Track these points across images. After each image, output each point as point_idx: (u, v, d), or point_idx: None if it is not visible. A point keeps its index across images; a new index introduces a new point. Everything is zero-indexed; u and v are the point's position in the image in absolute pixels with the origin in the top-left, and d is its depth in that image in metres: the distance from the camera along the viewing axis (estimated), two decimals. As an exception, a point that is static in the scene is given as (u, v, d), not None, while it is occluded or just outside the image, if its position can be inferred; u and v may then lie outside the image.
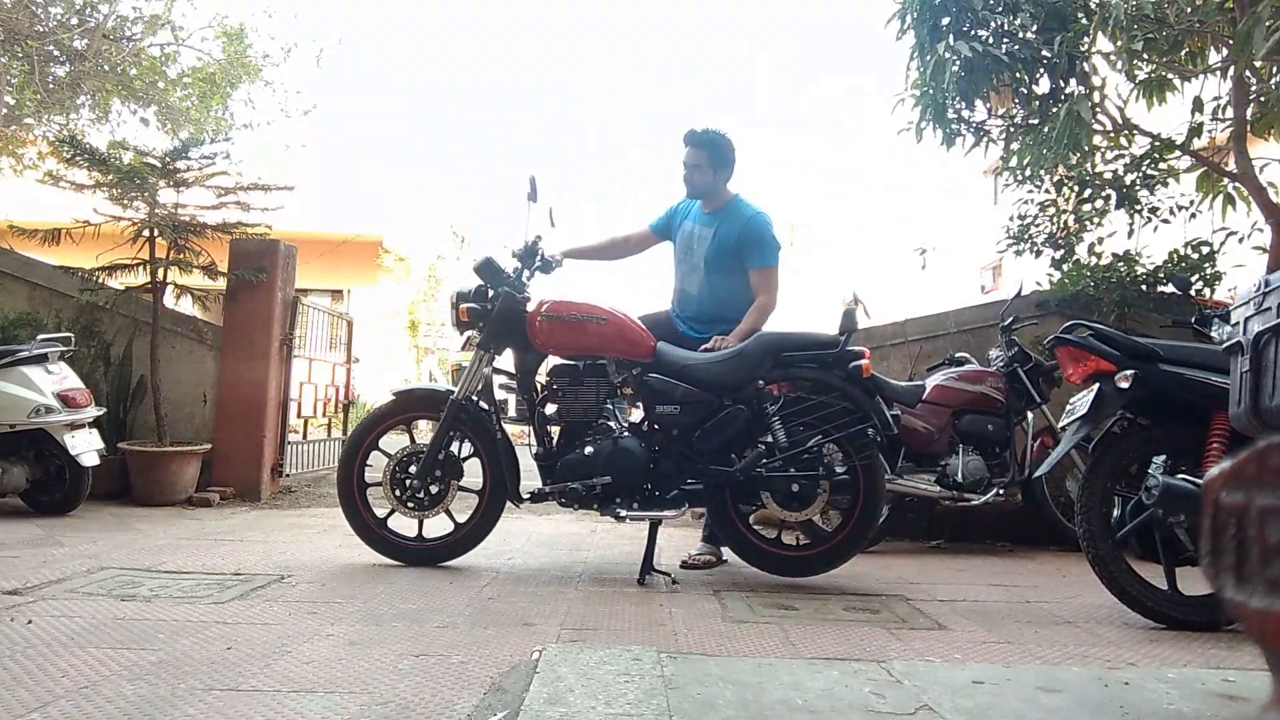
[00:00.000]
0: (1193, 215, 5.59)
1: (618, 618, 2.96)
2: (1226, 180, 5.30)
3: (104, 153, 5.75)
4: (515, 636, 2.65)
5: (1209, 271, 5.30)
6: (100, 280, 5.75)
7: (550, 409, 3.74)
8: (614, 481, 3.56)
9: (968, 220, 19.65)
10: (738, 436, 3.61)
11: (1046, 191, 5.95)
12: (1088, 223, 5.80)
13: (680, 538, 4.80)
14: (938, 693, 2.07)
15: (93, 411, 4.98)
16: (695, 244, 4.09)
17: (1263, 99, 4.92)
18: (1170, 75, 5.13)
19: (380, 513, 3.80)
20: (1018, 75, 5.15)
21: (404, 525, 3.82)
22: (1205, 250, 5.33)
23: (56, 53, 10.32)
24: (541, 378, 3.82)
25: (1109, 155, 5.74)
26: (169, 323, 5.90)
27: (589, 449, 3.59)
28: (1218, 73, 5.09)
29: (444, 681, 2.19)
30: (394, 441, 3.89)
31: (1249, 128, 4.95)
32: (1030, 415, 4.89)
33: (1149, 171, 5.57)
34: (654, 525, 3.67)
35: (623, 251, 4.41)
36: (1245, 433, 2.45)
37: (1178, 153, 5.43)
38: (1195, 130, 5.25)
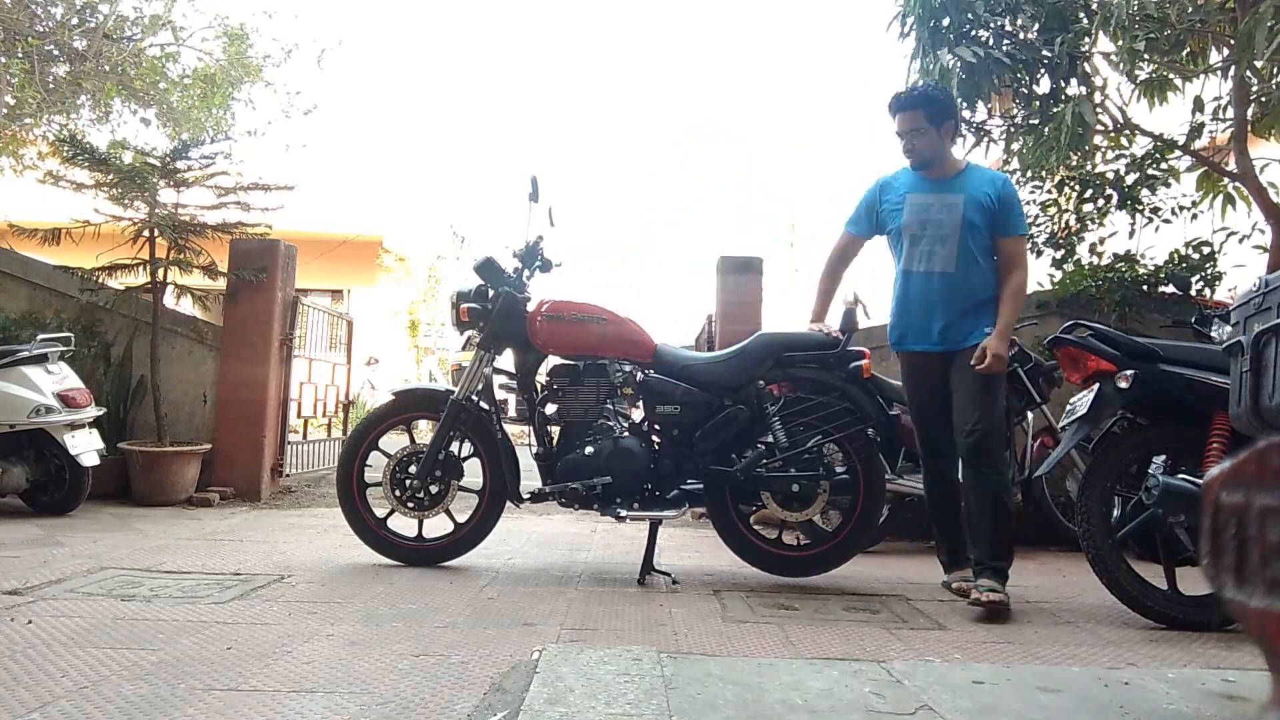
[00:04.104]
0: (1194, 215, 5.59)
1: (618, 618, 2.96)
2: (1227, 180, 5.30)
3: (104, 152, 5.75)
4: (515, 636, 2.65)
5: (1209, 271, 5.30)
6: (100, 280, 5.75)
7: (550, 409, 3.74)
8: (614, 481, 3.56)
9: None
10: (738, 436, 3.61)
11: (1048, 192, 5.95)
12: (1089, 223, 5.80)
13: (680, 538, 4.80)
14: (938, 693, 2.07)
15: (93, 411, 4.98)
16: (937, 213, 3.41)
17: (1263, 99, 4.92)
18: (1171, 75, 5.13)
19: (380, 513, 3.80)
20: (1018, 76, 5.15)
21: (404, 525, 3.82)
22: (1206, 250, 5.33)
23: (57, 53, 10.33)
24: (542, 378, 3.82)
25: (1110, 155, 5.74)
26: (169, 323, 5.90)
27: (589, 449, 3.59)
28: (1218, 73, 5.09)
29: (444, 681, 2.19)
30: (394, 441, 3.89)
31: (1249, 128, 4.95)
32: (1030, 415, 4.89)
33: (1150, 171, 5.57)
34: (654, 525, 3.67)
35: (842, 271, 3.80)
36: (1245, 433, 2.45)
37: (1178, 153, 5.43)
38: (1196, 130, 5.26)
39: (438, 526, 3.81)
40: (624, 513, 3.58)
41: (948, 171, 3.47)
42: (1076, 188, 5.81)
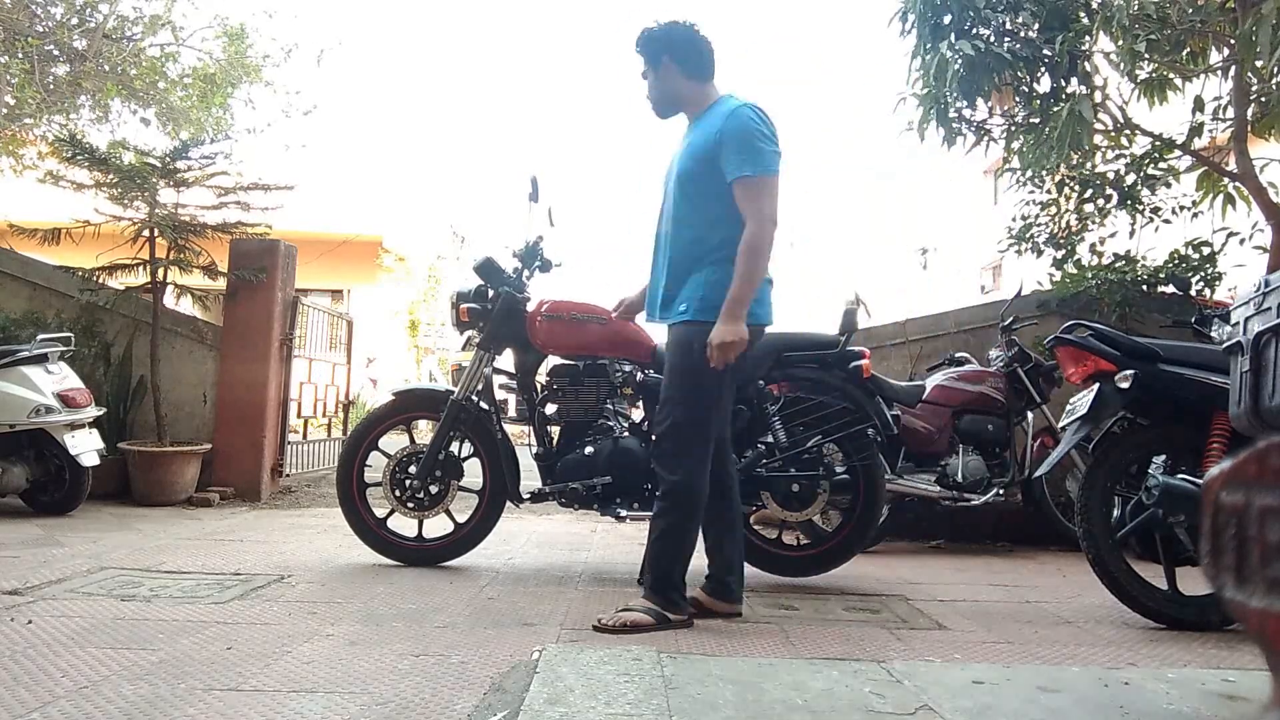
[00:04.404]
0: (1194, 215, 5.59)
1: (618, 618, 2.95)
2: (1227, 180, 5.30)
3: (104, 152, 5.75)
4: (515, 636, 2.65)
5: (1209, 271, 5.31)
6: (100, 280, 5.75)
7: (550, 409, 3.74)
8: (614, 481, 3.56)
9: (968, 220, 19.68)
10: (738, 436, 3.61)
11: (1048, 191, 5.95)
12: (1089, 223, 5.81)
13: (680, 538, 4.80)
14: (938, 693, 2.07)
15: (93, 411, 4.97)
16: (672, 163, 3.02)
17: (1263, 99, 4.92)
18: (1171, 75, 5.13)
19: (380, 513, 3.80)
20: (1019, 74, 5.15)
21: (404, 525, 3.82)
22: (1206, 250, 5.33)
23: (56, 53, 10.34)
24: (541, 378, 3.82)
25: (1110, 155, 5.74)
26: (169, 323, 5.90)
27: (589, 449, 3.59)
28: (1219, 72, 5.09)
29: (444, 681, 2.19)
30: (394, 441, 3.89)
31: (1249, 128, 4.95)
32: (1030, 415, 4.89)
33: (1150, 171, 5.58)
34: (654, 525, 3.66)
35: None
36: (1245, 433, 2.45)
37: (1178, 152, 5.43)
38: (1196, 130, 5.26)
39: (438, 526, 3.81)
40: (624, 513, 3.58)
41: (693, 114, 2.97)
42: (1076, 188, 5.81)
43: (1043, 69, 5.21)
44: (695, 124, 2.96)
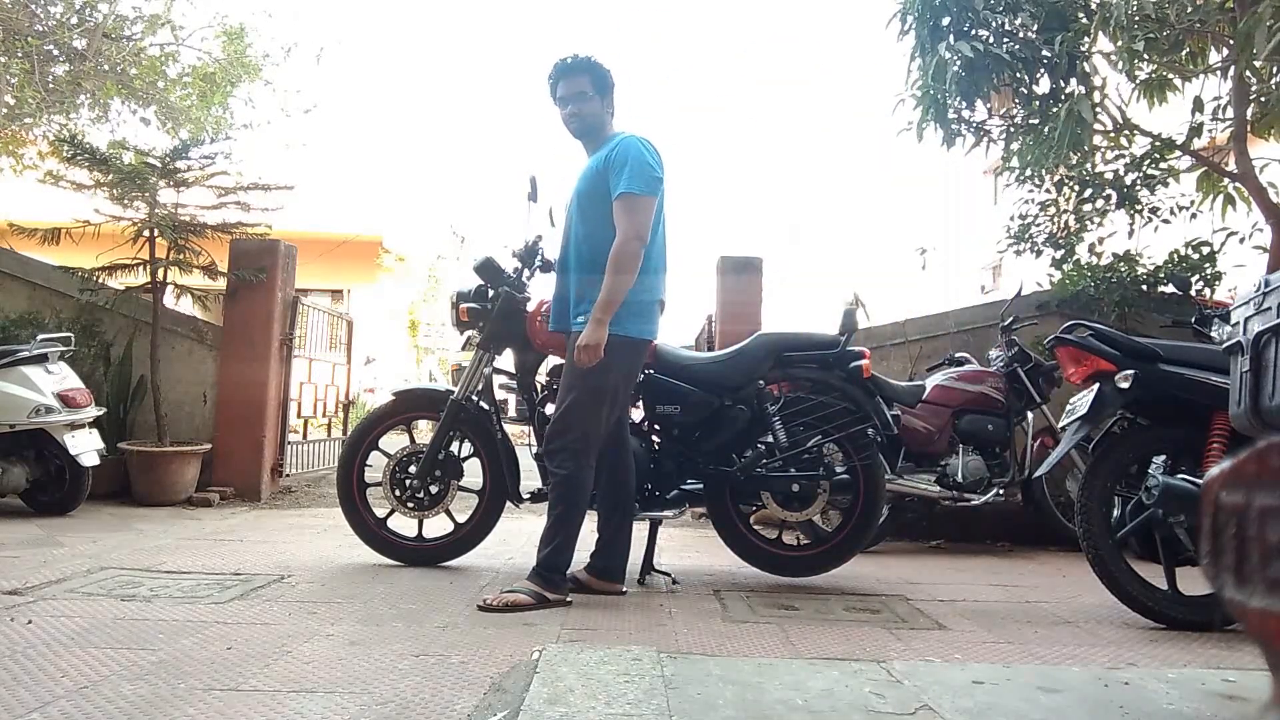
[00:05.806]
0: (1193, 215, 5.59)
1: (618, 618, 2.96)
2: (1226, 180, 5.30)
3: (104, 152, 5.75)
4: (515, 636, 2.65)
5: (1209, 271, 5.31)
6: (100, 280, 5.75)
7: (550, 409, 3.73)
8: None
9: (968, 220, 19.69)
10: (738, 436, 3.61)
11: (1047, 191, 5.95)
12: (1088, 223, 5.81)
13: (680, 538, 4.80)
14: (938, 693, 2.07)
15: (93, 411, 4.97)
16: (575, 186, 3.38)
17: (1263, 99, 4.92)
18: (1171, 75, 5.13)
19: (380, 513, 3.80)
20: (1018, 75, 5.15)
21: (404, 525, 3.82)
22: (1205, 250, 5.33)
23: (56, 52, 10.32)
24: (541, 378, 3.82)
25: (1109, 155, 5.74)
26: (169, 323, 5.90)
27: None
28: (1218, 73, 5.09)
29: (444, 681, 2.19)
30: (394, 441, 3.89)
31: (1249, 128, 4.95)
32: (1030, 415, 4.89)
33: (1149, 171, 5.58)
34: (654, 525, 3.67)
35: None
36: (1245, 433, 2.45)
37: (1178, 153, 5.43)
38: (1195, 130, 5.26)
39: (438, 526, 3.81)
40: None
41: (594, 145, 3.34)
42: (1076, 188, 5.81)
43: (1042, 70, 5.20)
44: (594, 152, 3.31)
